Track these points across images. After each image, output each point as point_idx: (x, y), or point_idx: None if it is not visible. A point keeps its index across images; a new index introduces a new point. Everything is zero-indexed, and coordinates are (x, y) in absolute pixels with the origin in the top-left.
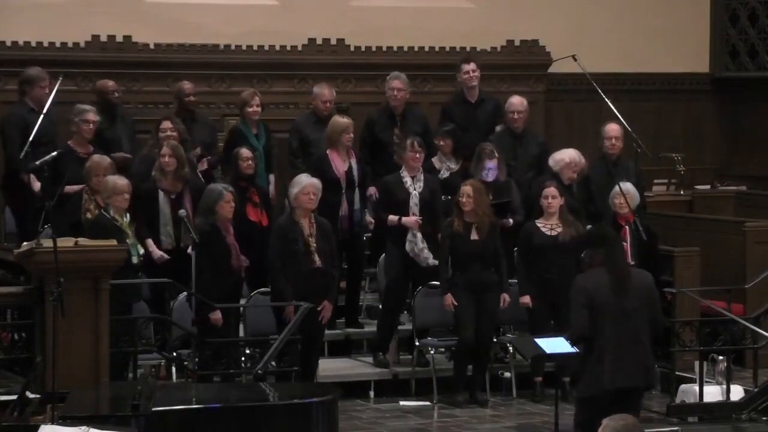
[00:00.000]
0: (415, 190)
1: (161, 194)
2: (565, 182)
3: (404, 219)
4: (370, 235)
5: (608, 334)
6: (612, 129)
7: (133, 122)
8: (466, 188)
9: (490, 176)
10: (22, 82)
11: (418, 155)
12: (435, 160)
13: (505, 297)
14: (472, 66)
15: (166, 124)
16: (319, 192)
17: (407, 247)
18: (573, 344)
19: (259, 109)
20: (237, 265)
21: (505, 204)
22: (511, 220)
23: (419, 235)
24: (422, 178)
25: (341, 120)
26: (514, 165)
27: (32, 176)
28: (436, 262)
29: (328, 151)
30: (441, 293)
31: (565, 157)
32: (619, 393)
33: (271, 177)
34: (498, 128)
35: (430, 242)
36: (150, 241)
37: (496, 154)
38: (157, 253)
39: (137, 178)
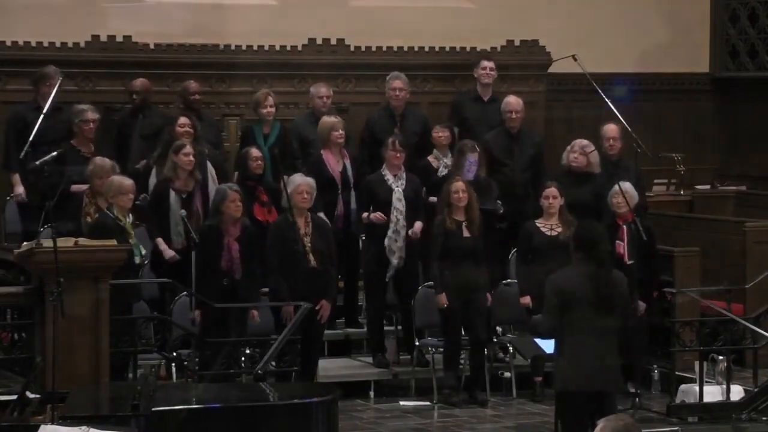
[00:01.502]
0: (397, 187)
1: (172, 193)
2: (578, 169)
3: (372, 215)
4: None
5: (572, 333)
6: (610, 129)
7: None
8: (459, 184)
9: (471, 171)
10: (35, 79)
11: (399, 154)
12: (431, 159)
13: (488, 297)
14: (491, 64)
15: (184, 120)
16: (313, 191)
17: (386, 241)
18: (543, 338)
19: (273, 109)
20: (227, 266)
21: (488, 211)
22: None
23: (402, 233)
24: (404, 176)
25: (328, 118)
26: (511, 165)
27: (17, 177)
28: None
29: (322, 152)
30: (435, 292)
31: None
32: (585, 394)
33: (286, 178)
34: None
35: (410, 241)
36: (160, 240)
37: (477, 149)
38: (168, 252)
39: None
